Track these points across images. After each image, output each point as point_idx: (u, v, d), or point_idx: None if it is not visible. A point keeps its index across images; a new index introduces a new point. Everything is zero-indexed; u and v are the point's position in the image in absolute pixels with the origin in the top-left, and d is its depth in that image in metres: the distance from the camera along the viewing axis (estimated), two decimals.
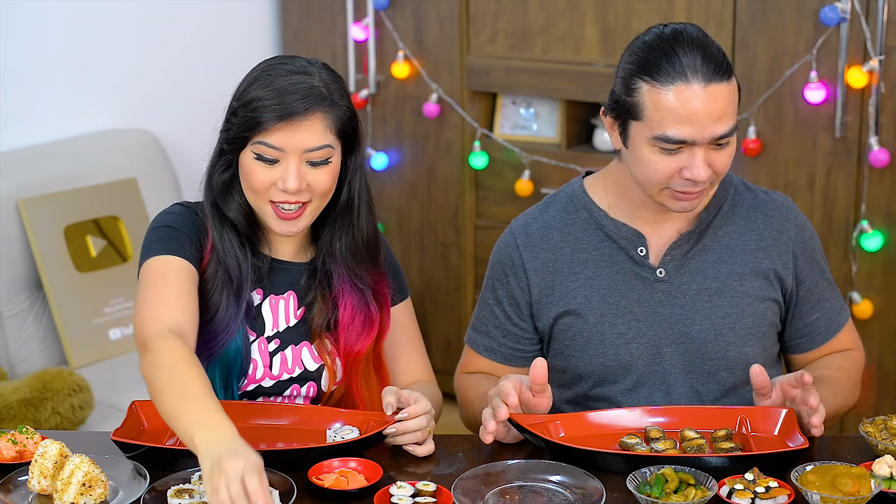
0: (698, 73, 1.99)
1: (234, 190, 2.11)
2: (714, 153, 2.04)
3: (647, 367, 2.17)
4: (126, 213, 3.49)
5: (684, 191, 2.05)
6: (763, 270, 2.18)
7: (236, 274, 2.10)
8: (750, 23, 3.39)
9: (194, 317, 2.02)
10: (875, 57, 3.23)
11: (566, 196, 2.26)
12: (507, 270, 2.24)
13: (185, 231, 2.10)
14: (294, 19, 4.15)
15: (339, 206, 2.13)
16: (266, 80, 2.04)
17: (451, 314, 4.05)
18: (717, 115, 2.00)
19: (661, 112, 2.00)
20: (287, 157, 2.02)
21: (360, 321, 2.17)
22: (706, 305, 2.17)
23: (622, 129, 2.08)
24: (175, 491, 1.82)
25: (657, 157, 2.04)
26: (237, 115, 2.04)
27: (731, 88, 2.03)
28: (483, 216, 3.96)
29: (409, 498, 1.82)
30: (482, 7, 3.80)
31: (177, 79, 3.92)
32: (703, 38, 2.04)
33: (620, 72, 2.07)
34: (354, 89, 4.03)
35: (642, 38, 2.06)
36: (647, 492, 1.82)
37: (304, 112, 2.01)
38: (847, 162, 3.34)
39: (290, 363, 2.15)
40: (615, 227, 2.19)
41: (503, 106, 3.93)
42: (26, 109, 3.58)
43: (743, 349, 2.17)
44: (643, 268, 2.17)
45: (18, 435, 1.97)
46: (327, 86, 2.05)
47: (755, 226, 2.20)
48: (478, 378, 2.27)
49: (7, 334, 3.29)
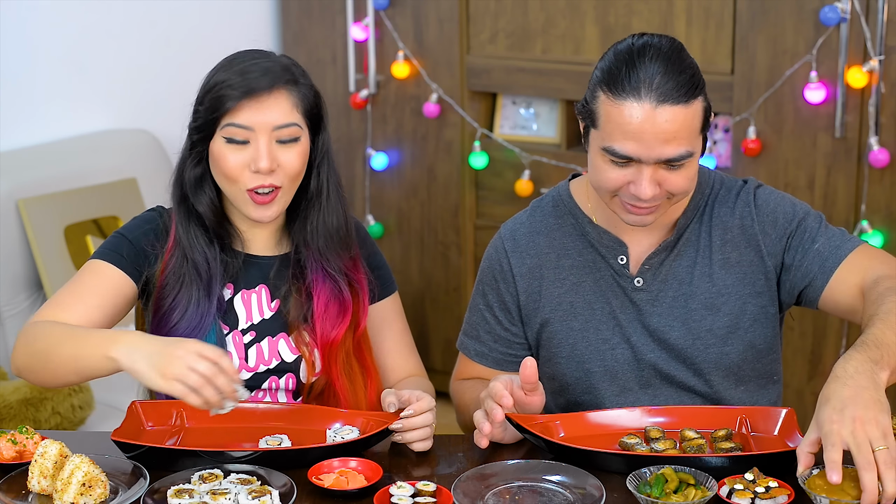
0: (652, 93, 1.96)
1: (205, 184, 2.13)
2: (666, 173, 2.01)
3: (632, 373, 2.17)
4: (126, 213, 3.48)
5: (632, 203, 2.04)
6: (733, 265, 2.15)
7: (205, 269, 2.13)
8: (750, 23, 3.39)
9: (87, 324, 2.05)
10: (875, 57, 3.23)
11: (552, 200, 2.25)
12: (497, 276, 2.24)
13: (135, 242, 2.14)
14: (294, 19, 4.15)
15: (309, 192, 2.16)
16: (229, 65, 2.09)
17: (451, 314, 4.05)
18: (665, 138, 1.97)
19: (611, 125, 2.00)
20: (256, 136, 2.05)
21: (335, 309, 2.18)
22: (682, 311, 2.15)
23: (585, 133, 2.09)
24: (175, 491, 1.82)
25: (607, 166, 2.03)
26: (203, 103, 2.08)
27: (689, 112, 1.98)
28: (483, 216, 3.97)
29: (409, 498, 1.83)
30: (482, 7, 3.80)
31: (177, 79, 3.91)
32: (674, 54, 2.00)
33: (592, 76, 2.07)
34: (354, 89, 4.03)
35: (617, 45, 2.05)
36: (647, 492, 1.82)
37: (268, 88, 2.05)
38: (847, 162, 3.34)
39: (266, 355, 2.16)
40: (598, 235, 2.18)
41: (503, 106, 3.93)
42: (26, 109, 3.58)
43: (724, 348, 2.15)
44: (622, 277, 2.17)
45: (18, 435, 1.97)
46: (288, 67, 2.10)
47: (719, 221, 2.17)
48: (472, 383, 2.27)
49: (7, 334, 3.30)
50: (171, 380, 1.78)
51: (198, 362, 1.78)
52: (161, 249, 2.14)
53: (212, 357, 1.80)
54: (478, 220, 3.98)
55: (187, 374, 1.78)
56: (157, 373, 1.79)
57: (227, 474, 1.88)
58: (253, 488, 1.82)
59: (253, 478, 1.86)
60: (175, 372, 1.78)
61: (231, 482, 1.85)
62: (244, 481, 1.85)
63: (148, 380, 1.82)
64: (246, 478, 1.86)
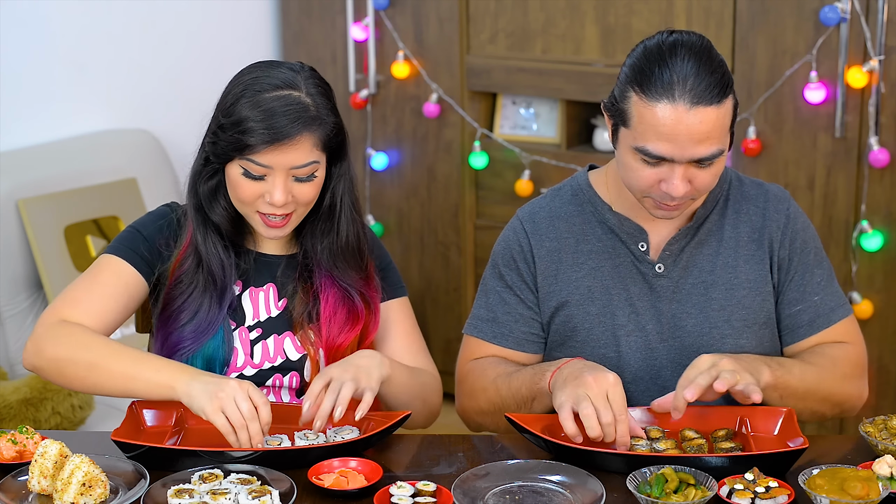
0: (686, 94, 1.97)
1: (219, 196, 2.14)
2: (696, 170, 2.02)
3: (643, 361, 2.18)
4: (126, 213, 3.48)
5: (663, 202, 2.06)
6: (757, 261, 2.18)
7: (220, 276, 2.14)
8: (750, 23, 3.39)
9: (101, 322, 2.09)
10: (875, 57, 3.23)
11: (571, 189, 2.26)
12: (516, 256, 2.24)
13: (150, 238, 2.15)
14: (294, 19, 4.15)
15: (321, 211, 2.16)
16: (253, 98, 2.04)
17: (451, 314, 4.05)
18: (699, 138, 1.98)
19: (644, 125, 2.00)
20: (274, 173, 2.05)
21: (344, 314, 2.18)
22: (701, 299, 2.17)
23: (614, 131, 2.09)
24: (175, 491, 1.82)
25: (639, 165, 2.04)
26: (225, 131, 2.06)
27: (721, 112, 2.00)
28: (483, 216, 3.96)
29: (409, 498, 1.83)
30: (482, 7, 3.80)
31: (177, 79, 3.92)
32: (705, 52, 2.01)
33: (621, 74, 2.07)
34: (354, 89, 4.03)
35: (645, 43, 2.05)
36: (647, 492, 1.82)
37: (291, 136, 2.03)
38: (847, 162, 3.34)
39: (271, 352, 2.17)
40: (618, 221, 2.19)
41: (503, 106, 3.92)
42: (26, 109, 3.58)
43: (738, 341, 2.17)
44: (643, 263, 2.18)
45: (18, 435, 1.97)
46: (315, 100, 2.06)
47: (747, 217, 2.19)
48: (492, 360, 2.24)
49: (7, 334, 3.29)
50: (218, 409, 1.90)
51: (243, 401, 1.90)
52: (174, 246, 2.15)
53: (256, 401, 1.91)
54: (478, 220, 3.98)
55: (232, 409, 1.90)
56: (208, 400, 1.91)
57: (227, 474, 1.88)
58: (253, 488, 1.82)
59: (253, 478, 1.86)
60: (223, 401, 1.90)
61: (231, 482, 1.85)
62: (244, 481, 1.85)
63: (199, 407, 1.92)
64: (246, 478, 1.86)
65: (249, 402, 1.90)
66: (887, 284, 3.37)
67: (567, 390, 1.98)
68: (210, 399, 1.90)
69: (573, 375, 2.01)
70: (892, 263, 3.35)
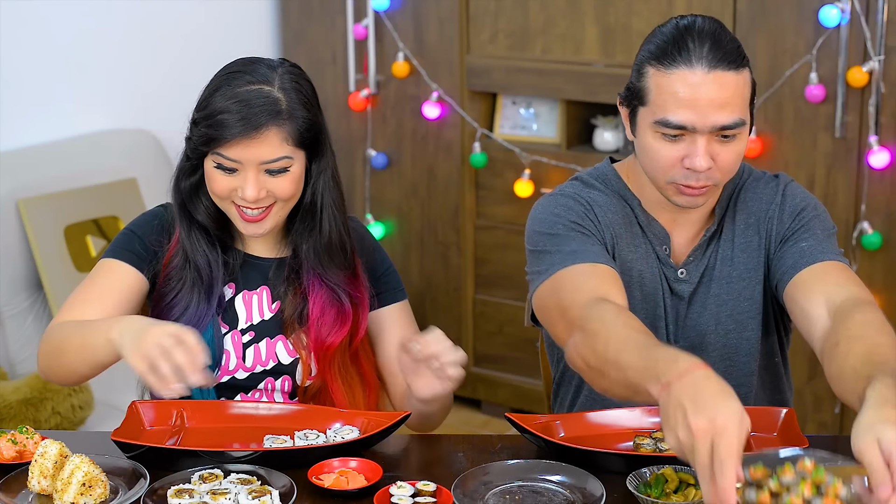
0: (703, 59, 1.97)
1: (201, 193, 2.15)
2: (718, 146, 2.01)
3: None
4: (126, 213, 3.49)
5: (687, 184, 2.03)
6: (753, 249, 2.16)
7: (206, 272, 2.15)
8: (750, 23, 3.39)
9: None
10: (875, 57, 3.23)
11: (599, 179, 2.20)
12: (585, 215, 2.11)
13: (145, 238, 2.16)
14: (294, 19, 4.15)
15: (302, 208, 2.16)
16: (226, 92, 2.06)
17: (451, 314, 4.05)
18: (719, 103, 1.97)
19: (663, 95, 1.99)
20: (245, 167, 2.05)
21: (333, 315, 2.18)
22: (706, 296, 2.16)
23: (632, 117, 2.07)
24: (175, 491, 1.82)
25: (660, 144, 2.02)
26: (197, 125, 2.08)
27: (740, 79, 2.00)
28: (483, 216, 3.97)
29: (409, 498, 1.83)
30: (482, 7, 3.80)
31: (177, 79, 3.92)
32: (718, 29, 2.02)
33: (636, 60, 2.07)
34: (354, 89, 4.03)
35: (660, 27, 2.07)
36: (647, 492, 1.82)
37: (257, 128, 2.03)
38: (847, 162, 3.34)
39: (263, 356, 2.17)
40: (647, 220, 2.17)
41: (503, 106, 3.93)
42: (26, 109, 3.58)
43: (743, 334, 2.16)
44: (667, 267, 2.16)
45: (18, 435, 1.97)
46: (288, 95, 2.06)
47: (744, 206, 2.17)
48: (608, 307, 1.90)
49: (7, 334, 3.30)
50: (139, 356, 1.80)
51: (164, 339, 1.78)
52: (166, 244, 2.17)
53: (183, 338, 1.79)
54: (478, 220, 3.98)
55: (150, 349, 1.78)
56: (131, 348, 1.82)
57: (227, 474, 1.88)
58: (253, 488, 1.82)
59: (253, 478, 1.86)
60: (143, 348, 1.79)
61: (231, 482, 1.85)
62: (244, 481, 1.85)
63: (125, 356, 1.84)
64: (246, 478, 1.86)
65: (173, 339, 1.78)
66: (887, 284, 3.37)
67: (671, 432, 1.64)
68: (133, 350, 1.79)
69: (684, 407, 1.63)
70: (892, 263, 3.35)
